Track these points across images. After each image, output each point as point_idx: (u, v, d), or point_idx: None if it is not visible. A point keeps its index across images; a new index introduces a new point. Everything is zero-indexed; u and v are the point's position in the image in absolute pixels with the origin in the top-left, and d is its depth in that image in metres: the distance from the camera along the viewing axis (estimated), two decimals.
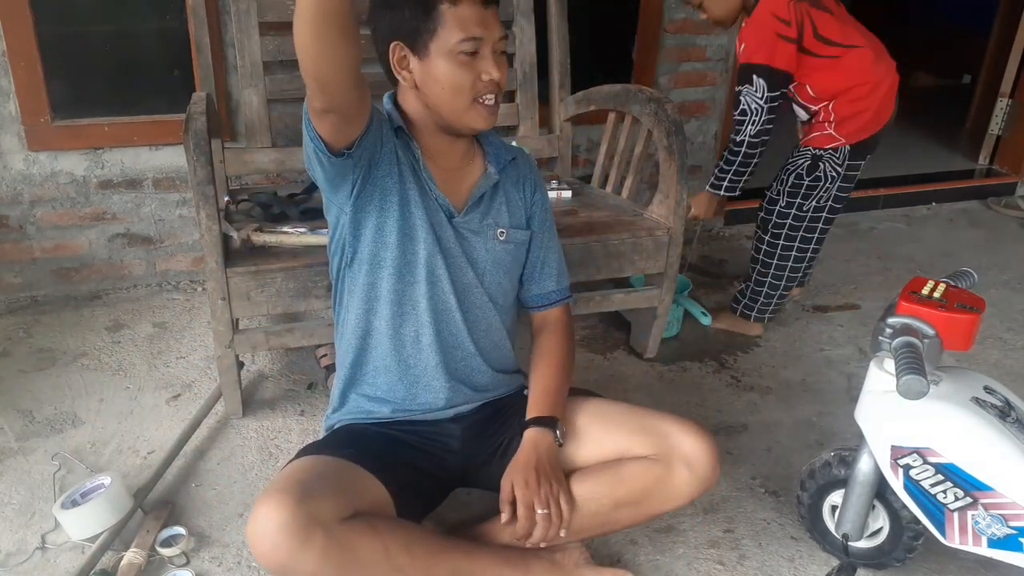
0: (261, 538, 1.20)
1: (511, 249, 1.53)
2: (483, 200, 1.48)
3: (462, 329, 1.49)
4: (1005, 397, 1.44)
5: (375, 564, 1.27)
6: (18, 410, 2.01)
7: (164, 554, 1.56)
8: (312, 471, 1.32)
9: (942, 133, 4.53)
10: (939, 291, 1.41)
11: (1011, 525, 1.36)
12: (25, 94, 2.34)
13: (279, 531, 1.19)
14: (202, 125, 1.73)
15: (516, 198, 1.54)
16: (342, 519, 1.25)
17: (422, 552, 1.33)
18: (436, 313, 1.46)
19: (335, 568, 1.23)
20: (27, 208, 2.47)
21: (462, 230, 1.46)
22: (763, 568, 1.62)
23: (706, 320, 2.48)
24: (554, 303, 1.61)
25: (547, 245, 1.59)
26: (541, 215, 1.58)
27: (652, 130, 2.11)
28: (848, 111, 2.17)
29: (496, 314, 1.54)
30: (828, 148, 2.21)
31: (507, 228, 1.51)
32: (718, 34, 3.02)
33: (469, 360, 1.52)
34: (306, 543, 1.20)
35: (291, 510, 1.20)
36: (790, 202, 2.28)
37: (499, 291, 1.54)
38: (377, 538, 1.28)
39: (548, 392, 1.49)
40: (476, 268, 1.49)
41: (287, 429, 1.98)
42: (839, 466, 1.58)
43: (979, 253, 3.20)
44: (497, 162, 1.49)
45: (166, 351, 2.29)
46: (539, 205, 1.57)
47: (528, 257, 1.58)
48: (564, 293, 1.62)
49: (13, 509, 1.69)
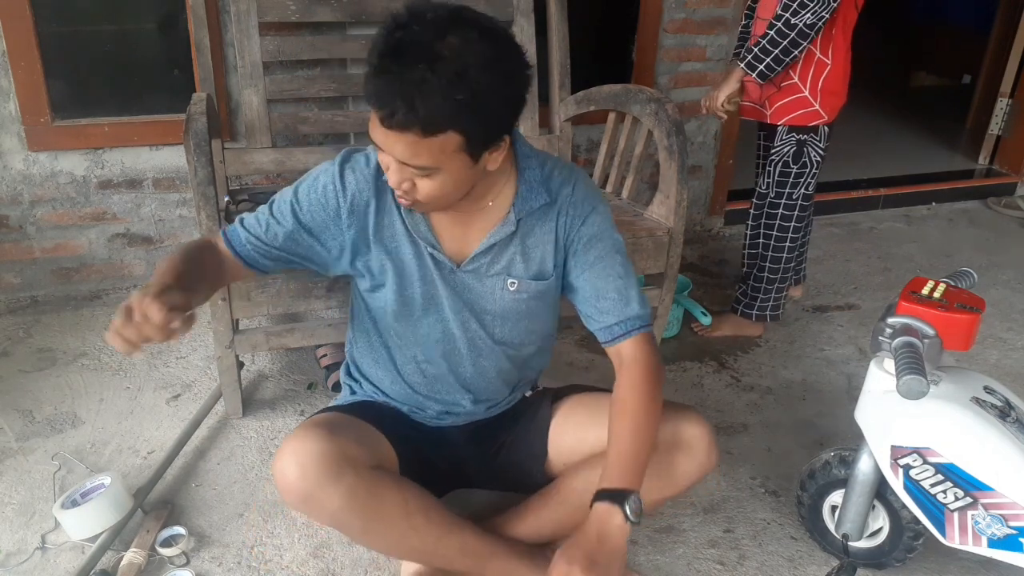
0: (291, 466, 1.20)
1: (525, 299, 1.40)
2: (493, 249, 1.35)
3: (469, 374, 1.46)
4: (1005, 397, 1.44)
5: (394, 518, 1.28)
6: (18, 410, 2.01)
7: (164, 554, 1.56)
8: (338, 421, 1.33)
9: (942, 133, 4.53)
10: (939, 291, 1.41)
11: (1011, 525, 1.36)
12: (25, 94, 2.34)
13: (312, 461, 1.19)
14: (202, 125, 1.73)
15: (540, 245, 1.38)
16: (370, 466, 1.26)
17: (438, 519, 1.35)
18: (444, 355, 1.44)
19: (358, 511, 1.24)
20: (27, 208, 2.47)
21: (466, 281, 1.38)
22: (763, 568, 1.62)
23: (706, 320, 2.48)
24: (618, 337, 1.37)
25: (602, 275, 1.38)
26: (591, 246, 1.38)
27: (652, 130, 2.11)
28: (839, 82, 2.16)
29: (508, 361, 1.47)
30: (811, 127, 2.19)
31: (520, 279, 1.38)
32: (718, 34, 3.02)
33: (469, 406, 1.50)
34: (337, 478, 1.20)
35: (326, 442, 1.21)
36: (779, 192, 2.28)
37: (515, 337, 1.44)
38: (400, 493, 1.30)
39: (621, 456, 1.29)
40: (482, 319, 1.41)
41: (287, 429, 1.98)
42: (839, 466, 1.58)
43: (979, 253, 3.20)
44: (521, 210, 1.33)
45: (166, 351, 2.29)
46: (585, 239, 1.37)
47: (578, 292, 1.41)
48: (630, 325, 1.37)
49: (13, 509, 1.69)
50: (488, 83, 1.10)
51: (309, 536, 1.65)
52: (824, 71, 2.14)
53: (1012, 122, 3.92)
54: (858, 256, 3.15)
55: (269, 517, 1.69)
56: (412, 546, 1.35)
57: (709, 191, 3.29)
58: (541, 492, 1.50)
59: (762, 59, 2.09)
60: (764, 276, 2.39)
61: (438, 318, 1.40)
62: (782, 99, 2.19)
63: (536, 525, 1.49)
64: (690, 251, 3.10)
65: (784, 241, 2.33)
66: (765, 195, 2.33)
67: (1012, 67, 3.90)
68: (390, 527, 1.29)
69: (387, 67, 1.09)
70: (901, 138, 4.46)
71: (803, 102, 2.17)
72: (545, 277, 1.39)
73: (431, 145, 1.12)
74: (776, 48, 2.06)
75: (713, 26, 3.01)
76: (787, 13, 2.02)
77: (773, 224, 2.33)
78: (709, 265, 3.04)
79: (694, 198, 3.27)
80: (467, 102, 1.09)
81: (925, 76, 5.79)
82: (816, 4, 1.98)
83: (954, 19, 5.49)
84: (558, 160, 1.41)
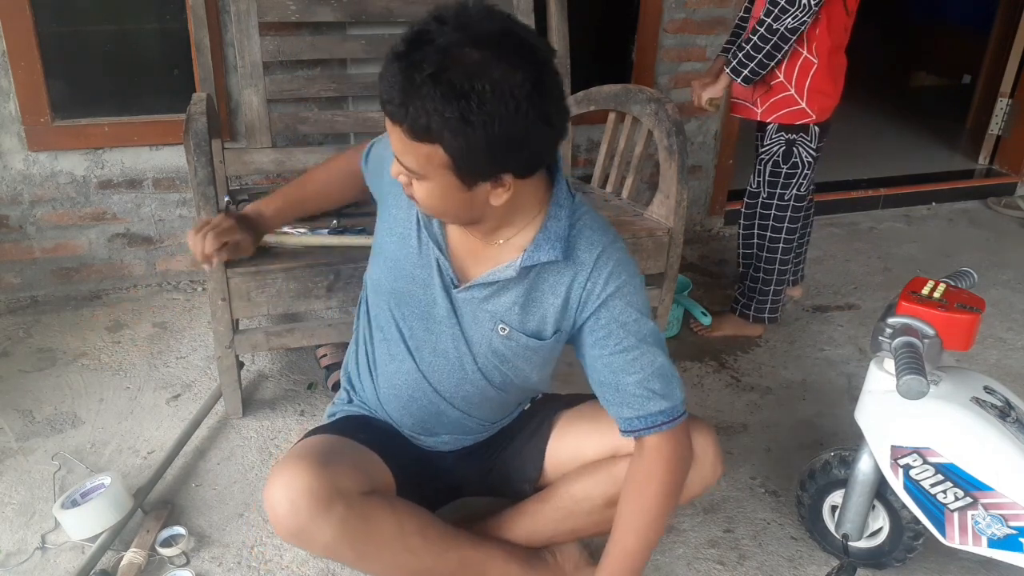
0: (281, 502, 1.18)
1: (513, 347, 1.30)
2: (492, 287, 1.26)
3: (449, 397, 1.38)
4: (1005, 397, 1.44)
5: (389, 542, 1.26)
6: (18, 410, 2.01)
7: (164, 554, 1.56)
8: (329, 446, 1.31)
9: (942, 133, 4.52)
10: (939, 291, 1.41)
11: (1011, 525, 1.36)
12: (25, 94, 2.34)
13: (301, 495, 1.17)
14: (202, 125, 1.73)
15: (544, 303, 1.27)
16: (362, 493, 1.24)
17: (435, 537, 1.33)
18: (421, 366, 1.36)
19: (351, 541, 1.22)
20: (27, 208, 2.47)
21: (459, 303, 1.30)
22: (763, 568, 1.62)
23: (706, 320, 2.48)
24: (639, 431, 1.26)
25: (623, 369, 1.25)
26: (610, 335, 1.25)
27: (652, 130, 2.11)
28: (826, 82, 2.16)
29: (496, 392, 1.38)
30: (799, 126, 2.19)
31: (512, 328, 1.28)
32: (718, 34, 3.02)
33: (457, 421, 1.43)
34: (328, 510, 1.18)
35: (315, 475, 1.18)
36: (771, 192, 2.29)
37: (499, 377, 1.35)
38: (394, 516, 1.28)
39: (626, 554, 1.27)
40: (470, 345, 1.32)
41: (287, 429, 1.98)
42: (839, 466, 1.58)
43: (979, 253, 3.20)
44: (528, 259, 1.22)
45: (166, 351, 2.29)
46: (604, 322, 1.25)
47: (592, 374, 1.30)
48: (652, 421, 1.25)
49: (13, 509, 1.69)
50: (492, 114, 1.01)
51: None
52: (811, 70, 2.14)
53: (1012, 122, 3.92)
54: (858, 256, 3.15)
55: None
56: (411, 568, 1.32)
57: (709, 191, 3.29)
58: (537, 496, 1.49)
59: (746, 64, 2.12)
60: (760, 277, 2.39)
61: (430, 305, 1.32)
62: (771, 97, 2.20)
63: (531, 529, 1.48)
64: (690, 251, 3.10)
65: (778, 242, 2.33)
66: (757, 194, 2.33)
67: (1012, 67, 3.90)
68: (385, 552, 1.27)
69: (400, 55, 1.03)
70: (901, 138, 4.46)
71: (789, 100, 2.18)
72: (541, 338, 1.29)
73: (417, 150, 1.06)
74: (759, 53, 2.09)
75: (713, 26, 3.01)
76: (768, 18, 2.04)
77: (766, 225, 2.33)
78: (709, 265, 3.04)
79: (694, 198, 3.28)
80: (457, 125, 1.01)
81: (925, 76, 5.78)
82: (796, 8, 2.00)
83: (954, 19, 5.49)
84: (599, 221, 1.28)
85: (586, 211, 1.28)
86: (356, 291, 1.88)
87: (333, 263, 1.84)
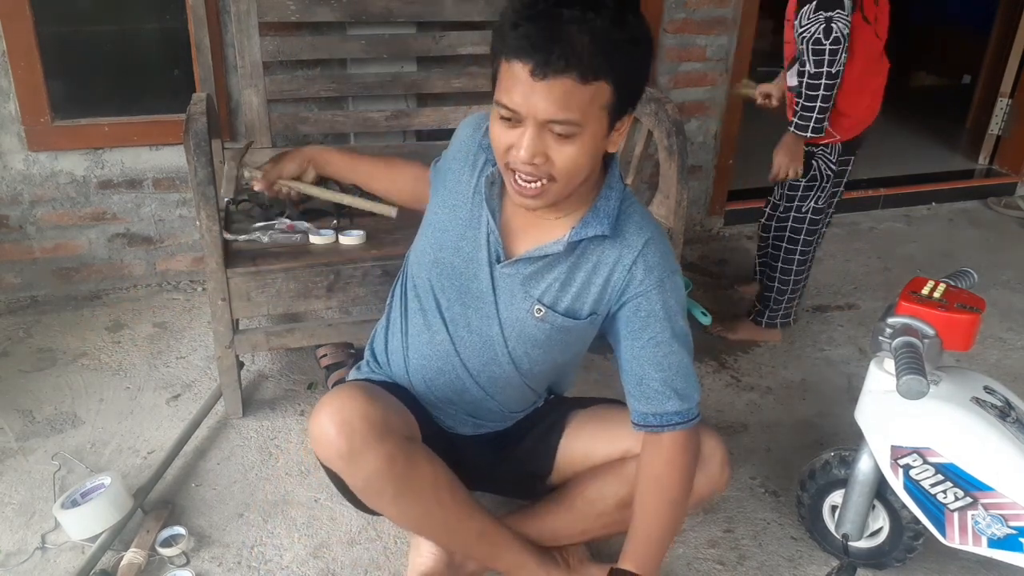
0: (333, 422, 1.18)
1: (547, 330, 1.31)
2: (538, 263, 1.27)
3: (475, 375, 1.39)
4: (1005, 397, 1.44)
5: (425, 491, 1.28)
6: (18, 410, 2.01)
7: (164, 554, 1.56)
8: (373, 389, 1.31)
9: (942, 133, 4.52)
10: (939, 291, 1.41)
11: (1011, 525, 1.36)
12: (25, 94, 2.34)
13: (357, 418, 1.18)
14: (202, 125, 1.73)
15: (583, 281, 1.28)
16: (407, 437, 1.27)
17: (463, 499, 1.35)
18: (455, 339, 1.36)
19: (393, 478, 1.23)
20: (27, 208, 2.47)
21: (499, 280, 1.31)
22: (763, 568, 1.62)
23: (706, 320, 2.48)
24: (651, 427, 1.30)
25: (650, 361, 1.28)
26: (647, 326, 1.27)
27: (652, 130, 2.11)
28: (849, 105, 2.16)
29: (520, 379, 1.39)
30: (821, 145, 2.20)
31: (548, 308, 1.29)
32: (718, 34, 3.02)
33: (479, 402, 1.44)
34: (380, 441, 1.20)
35: (371, 405, 1.21)
36: (789, 205, 2.30)
37: (527, 362, 1.37)
38: (432, 468, 1.29)
39: (649, 540, 1.30)
40: (503, 326, 1.33)
41: (287, 429, 1.98)
42: (839, 466, 1.58)
43: (979, 253, 3.20)
44: (578, 233, 1.24)
45: (166, 351, 2.29)
46: (643, 314, 1.27)
47: (619, 362, 1.33)
48: (667, 419, 1.29)
49: (13, 509, 1.69)
50: (642, 31, 1.11)
51: (309, 536, 1.65)
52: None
53: (1012, 122, 3.92)
54: (858, 256, 3.15)
55: (269, 517, 1.69)
56: (436, 522, 1.33)
57: (709, 191, 3.29)
58: (549, 498, 1.50)
59: (808, 118, 2.13)
60: (775, 287, 2.40)
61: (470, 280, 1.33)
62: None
63: (544, 528, 1.49)
64: (690, 251, 3.10)
65: (794, 254, 2.34)
66: (777, 206, 2.35)
67: (1012, 67, 3.90)
68: (419, 499, 1.28)
69: (543, 11, 1.05)
70: (901, 138, 4.46)
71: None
72: (576, 317, 1.30)
73: (584, 94, 1.07)
74: (814, 104, 2.10)
75: (713, 26, 3.01)
76: (806, 69, 2.06)
77: (782, 236, 2.35)
78: (709, 265, 3.04)
79: (694, 198, 3.27)
80: (626, 46, 1.08)
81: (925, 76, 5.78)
82: (828, 54, 2.02)
83: (954, 19, 5.49)
84: (648, 212, 1.32)
85: (635, 200, 1.33)
86: (356, 291, 1.88)
87: (333, 263, 1.85)
